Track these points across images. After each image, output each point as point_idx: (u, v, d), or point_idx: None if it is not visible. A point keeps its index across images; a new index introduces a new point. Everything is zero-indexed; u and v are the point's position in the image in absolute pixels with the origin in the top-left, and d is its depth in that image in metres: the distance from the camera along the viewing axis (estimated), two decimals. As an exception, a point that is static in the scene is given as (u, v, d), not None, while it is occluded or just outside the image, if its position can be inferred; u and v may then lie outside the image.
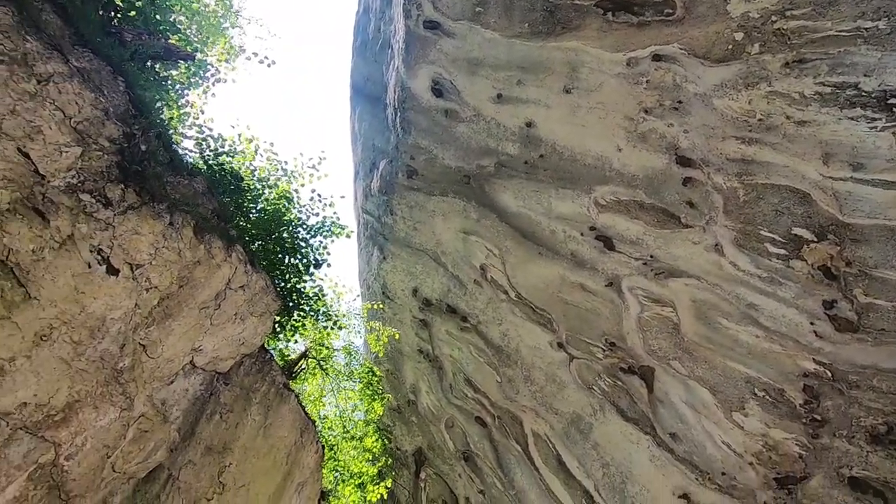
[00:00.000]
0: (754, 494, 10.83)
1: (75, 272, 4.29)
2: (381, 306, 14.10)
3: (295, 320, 8.63)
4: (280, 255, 8.48)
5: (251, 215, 8.28)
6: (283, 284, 8.29)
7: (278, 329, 8.52)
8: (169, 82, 8.46)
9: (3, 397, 3.45)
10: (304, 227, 8.51)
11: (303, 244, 8.44)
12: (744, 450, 10.67)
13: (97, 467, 4.15)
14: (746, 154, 9.55)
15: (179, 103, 8.18)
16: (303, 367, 9.26)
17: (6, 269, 3.75)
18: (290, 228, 8.43)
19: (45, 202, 4.08)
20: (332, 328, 9.22)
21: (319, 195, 8.66)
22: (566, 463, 12.97)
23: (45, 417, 3.69)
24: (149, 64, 7.57)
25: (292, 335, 8.94)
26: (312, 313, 8.82)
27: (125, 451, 4.75)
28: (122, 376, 4.48)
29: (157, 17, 7.57)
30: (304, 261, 8.46)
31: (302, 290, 8.48)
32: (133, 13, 7.10)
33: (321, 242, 8.66)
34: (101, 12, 6.36)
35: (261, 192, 8.08)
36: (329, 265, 8.52)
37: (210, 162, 7.82)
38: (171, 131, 7.86)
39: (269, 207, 8.22)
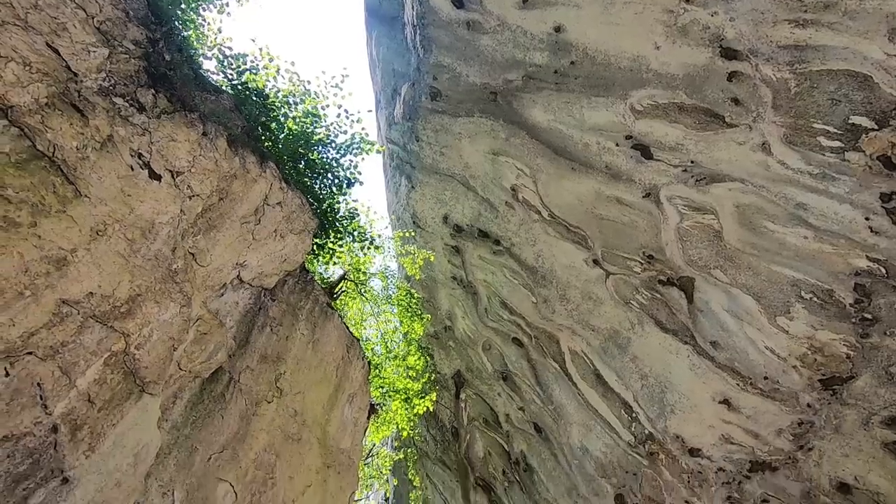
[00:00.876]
0: (797, 396, 10.84)
1: (120, 174, 4.29)
2: (412, 234, 14.09)
3: (332, 242, 8.69)
4: (311, 178, 8.41)
5: (279, 137, 8.16)
6: (316, 206, 8.27)
7: (316, 251, 8.60)
8: (182, 4, 8.14)
9: (70, 286, 3.55)
10: (333, 145, 8.36)
11: (333, 164, 8.33)
12: (788, 353, 10.58)
13: (165, 358, 4.34)
14: (800, 39, 8.76)
15: (197, 23, 7.90)
16: (343, 289, 9.42)
17: (54, 166, 3.75)
18: (320, 149, 8.30)
19: (81, 100, 4.01)
20: (368, 249, 9.27)
21: (346, 111, 8.40)
22: (604, 377, 13.18)
23: (111, 308, 3.82)
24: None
25: (330, 258, 9.03)
26: (348, 235, 8.85)
27: (189, 351, 4.95)
28: (177, 276, 4.58)
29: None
30: (336, 181, 8.38)
31: (336, 210, 8.46)
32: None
33: (352, 161, 8.52)
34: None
35: (286, 110, 7.90)
36: (361, 184, 8.43)
37: (234, 81, 7.63)
38: (191, 51, 7.63)
39: (296, 127, 8.06)
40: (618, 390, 12.96)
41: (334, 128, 8.35)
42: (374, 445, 17.44)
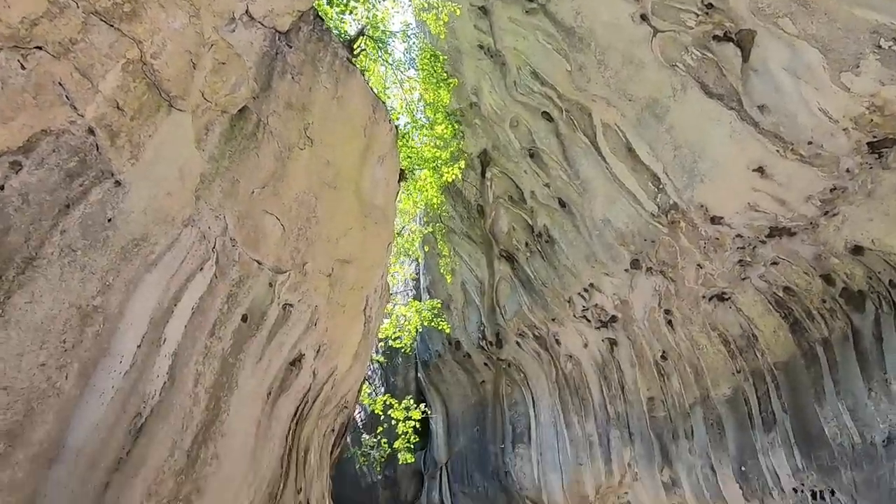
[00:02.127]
0: (838, 161, 10.49)
1: None
2: (433, -11, 12.33)
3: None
4: None
5: None
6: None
7: (330, -5, 7.60)
8: None
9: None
10: None
11: None
12: (842, 115, 9.86)
13: (186, 73, 4.10)
14: None
15: None
16: (361, 47, 8.63)
17: None
18: None
19: None
20: (387, -8, 8.12)
21: None
22: (635, 149, 12.86)
23: (112, 5, 3.41)
24: None
25: (345, 7, 8.02)
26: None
27: (210, 81, 4.68)
28: (178, -17, 4.02)
29: None
30: None
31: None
32: None
33: None
34: None
35: None
36: None
37: None
38: None
39: None
40: (647, 162, 12.77)
41: None
42: (405, 227, 18.52)
